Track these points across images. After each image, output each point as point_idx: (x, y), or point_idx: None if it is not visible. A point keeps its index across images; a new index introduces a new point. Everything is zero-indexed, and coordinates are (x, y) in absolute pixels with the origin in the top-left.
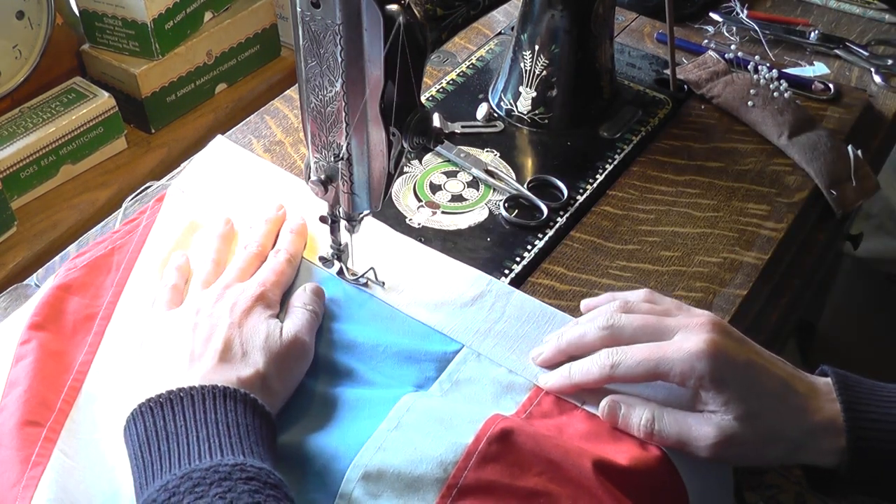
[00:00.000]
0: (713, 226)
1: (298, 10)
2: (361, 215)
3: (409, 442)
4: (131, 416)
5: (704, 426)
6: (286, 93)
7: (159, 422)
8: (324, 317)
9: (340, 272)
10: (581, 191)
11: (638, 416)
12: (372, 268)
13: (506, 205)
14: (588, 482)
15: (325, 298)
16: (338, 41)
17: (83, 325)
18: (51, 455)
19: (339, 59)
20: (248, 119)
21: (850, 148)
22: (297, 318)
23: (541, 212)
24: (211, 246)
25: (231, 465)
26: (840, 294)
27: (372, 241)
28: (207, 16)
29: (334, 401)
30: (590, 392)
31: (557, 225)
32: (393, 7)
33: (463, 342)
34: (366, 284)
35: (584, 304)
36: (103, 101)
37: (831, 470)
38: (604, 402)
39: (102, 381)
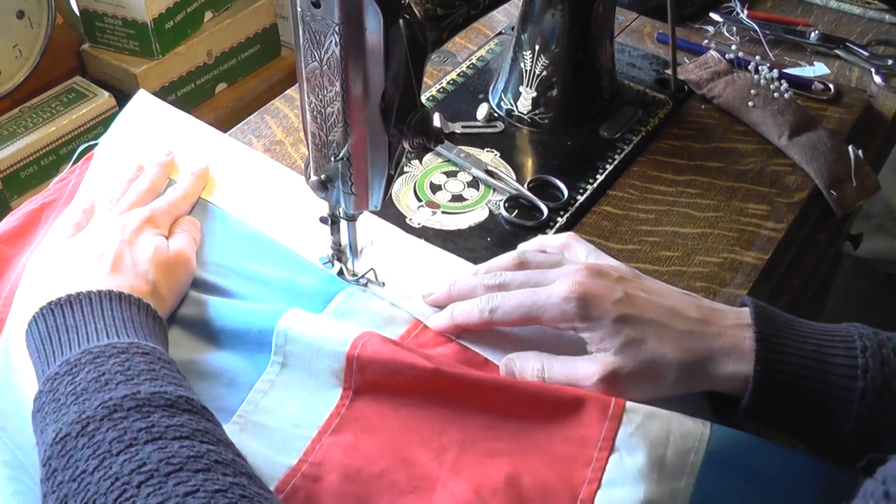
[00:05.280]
0: (713, 226)
1: (298, 9)
2: (358, 213)
3: (308, 344)
4: (32, 318)
5: (589, 365)
6: (286, 93)
7: (59, 318)
8: (214, 252)
9: (341, 272)
10: (581, 191)
11: (531, 368)
12: (372, 268)
13: (506, 205)
14: (471, 372)
15: (202, 228)
16: (338, 41)
17: (10, 274)
18: None
19: (339, 59)
20: (248, 119)
21: (850, 148)
22: (179, 238)
23: (541, 212)
24: (118, 187)
25: (127, 343)
26: (840, 294)
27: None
28: (207, 15)
29: (231, 315)
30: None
31: (557, 225)
32: (393, 6)
33: None
34: (366, 285)
35: (520, 247)
36: (103, 100)
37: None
38: (501, 364)
39: (19, 312)
